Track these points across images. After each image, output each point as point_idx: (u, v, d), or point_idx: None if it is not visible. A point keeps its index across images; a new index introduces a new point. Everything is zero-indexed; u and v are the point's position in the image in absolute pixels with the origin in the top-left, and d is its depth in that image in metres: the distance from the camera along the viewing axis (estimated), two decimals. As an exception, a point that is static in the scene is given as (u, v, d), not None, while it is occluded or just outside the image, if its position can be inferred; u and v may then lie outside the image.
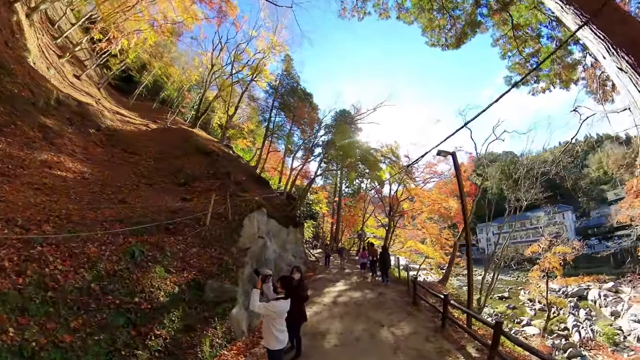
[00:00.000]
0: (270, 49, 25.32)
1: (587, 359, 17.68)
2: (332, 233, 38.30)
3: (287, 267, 12.61)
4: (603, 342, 19.24)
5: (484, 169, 18.99)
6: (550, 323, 22.54)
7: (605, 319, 22.51)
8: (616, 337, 19.62)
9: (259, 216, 11.78)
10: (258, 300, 3.71)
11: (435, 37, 13.19)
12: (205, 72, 27.69)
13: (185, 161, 16.48)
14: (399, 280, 12.28)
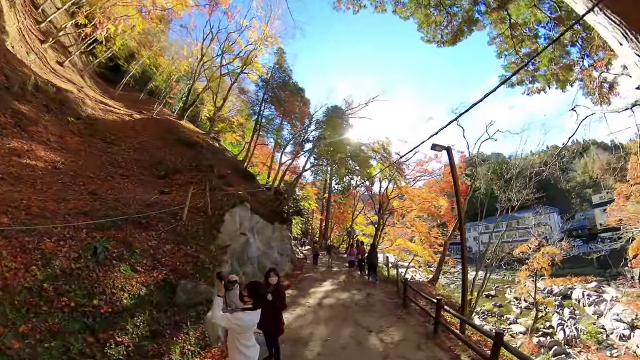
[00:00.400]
0: (262, 41, 24.44)
1: (572, 356, 17.84)
2: (321, 230, 37.86)
3: (272, 266, 11.97)
4: (587, 340, 19.51)
5: (475, 168, 18.73)
6: (535, 321, 22.61)
7: (589, 318, 22.89)
8: (599, 336, 19.96)
9: (241, 211, 11.08)
10: (220, 309, 3.06)
11: (431, 33, 12.87)
12: (194, 63, 26.64)
13: (166, 152, 15.70)
14: (388, 279, 11.83)
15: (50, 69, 15.66)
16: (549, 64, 12.47)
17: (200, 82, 28.98)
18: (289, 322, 7.21)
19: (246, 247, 10.51)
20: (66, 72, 16.68)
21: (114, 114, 17.65)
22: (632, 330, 19.37)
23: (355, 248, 15.04)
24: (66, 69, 17.19)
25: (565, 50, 11.99)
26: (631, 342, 18.53)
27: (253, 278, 10.54)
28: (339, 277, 12.40)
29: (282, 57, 30.80)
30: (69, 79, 16.51)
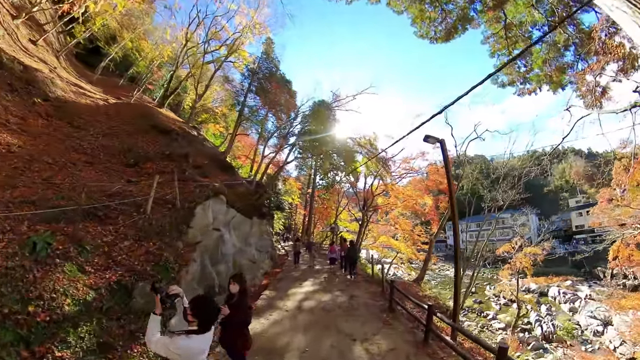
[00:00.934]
0: (250, 28, 23.15)
1: (549, 351, 18.32)
2: (304, 226, 37.16)
3: (248, 264, 11.14)
4: (563, 336, 20.13)
5: (463, 167, 18.56)
6: (514, 317, 23.09)
7: (565, 315, 23.67)
8: (575, 331, 20.73)
9: (216, 205, 10.17)
10: (157, 332, 2.25)
11: (425, 29, 12.64)
12: (178, 49, 24.99)
13: (138, 139, 14.56)
14: (372, 278, 11.27)
15: (20, 47, 14.31)
16: (543, 65, 12.44)
17: (183, 69, 27.39)
18: (263, 329, 6.47)
19: (220, 243, 9.63)
20: (39, 52, 15.14)
21: (87, 97, 16.38)
22: (605, 326, 20.29)
23: (338, 245, 14.51)
24: (39, 48, 15.62)
25: (559, 53, 11.96)
26: (604, 338, 19.39)
27: (226, 278, 9.70)
28: (321, 277, 11.73)
29: (270, 47, 29.72)
30: (42, 58, 15.09)
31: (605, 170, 12.80)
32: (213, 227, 9.64)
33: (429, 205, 21.11)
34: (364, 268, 15.84)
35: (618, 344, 18.12)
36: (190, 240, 8.67)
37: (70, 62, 20.07)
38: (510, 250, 19.76)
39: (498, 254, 22.13)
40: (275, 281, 11.05)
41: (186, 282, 7.43)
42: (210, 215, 9.72)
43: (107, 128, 14.32)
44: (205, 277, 8.51)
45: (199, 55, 24.30)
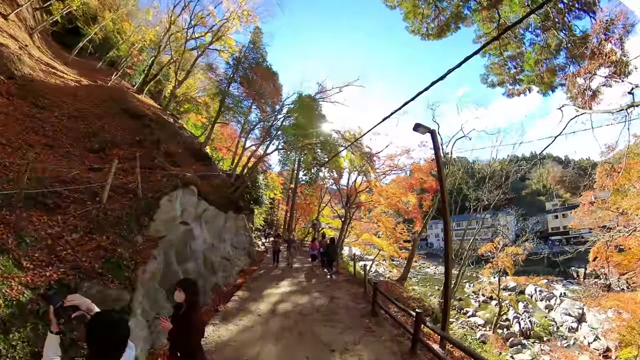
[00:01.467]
0: (238, 16, 21.91)
1: (527, 347, 18.84)
2: (285, 221, 36.36)
3: (221, 261, 10.26)
4: (539, 332, 20.72)
5: (448, 166, 18.25)
6: (492, 314, 23.66)
7: (541, 312, 24.42)
8: (550, 328, 21.38)
9: (185, 196, 9.23)
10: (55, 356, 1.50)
11: (417, 25, 12.48)
12: (161, 32, 23.33)
13: (107, 123, 13.51)
14: (354, 278, 10.62)
15: (-12, 20, 12.71)
16: (535, 66, 12.42)
17: (166, 55, 25.78)
18: (231, 336, 5.69)
19: (189, 239, 8.70)
20: (10, 27, 13.90)
21: (58, 77, 14.92)
22: (579, 323, 21.12)
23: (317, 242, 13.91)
24: (11, 24, 14.34)
25: (552, 54, 12.03)
26: (579, 334, 20.13)
27: (196, 277, 8.82)
28: (300, 276, 10.98)
29: (258, 36, 28.58)
30: (12, 34, 13.71)
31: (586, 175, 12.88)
32: (181, 221, 8.70)
33: (412, 204, 20.85)
34: (345, 266, 15.27)
35: (592, 339, 18.82)
36: (153, 234, 7.72)
37: (45, 41, 18.66)
38: (493, 250, 19.91)
39: (480, 253, 22.44)
40: (250, 280, 10.22)
41: (144, 282, 6.50)
42: (177, 208, 8.77)
43: (74, 110, 13.26)
44: (169, 276, 7.58)
45: (183, 40, 22.71)
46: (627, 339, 11.01)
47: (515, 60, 13.59)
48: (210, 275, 9.35)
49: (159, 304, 6.84)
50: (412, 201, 20.47)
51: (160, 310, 6.88)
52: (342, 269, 12.68)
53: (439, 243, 60.86)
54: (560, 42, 11.41)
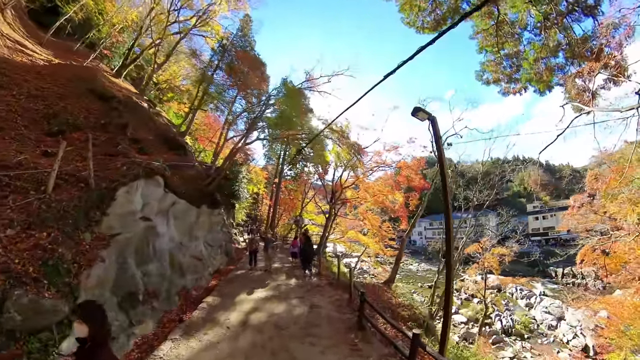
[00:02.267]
0: None
1: (509, 344, 18.93)
2: (268, 217, 35.23)
3: (191, 262, 9.18)
4: (520, 330, 20.94)
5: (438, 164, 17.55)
6: (475, 312, 23.87)
7: (522, 310, 24.69)
8: (531, 325, 21.57)
9: (149, 188, 8.08)
10: None
11: (413, 17, 12.09)
12: (144, 12, 21.41)
13: (70, 104, 12.20)
14: (338, 280, 9.75)
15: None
16: (534, 63, 12.12)
17: (149, 39, 23.87)
18: (191, 355, 4.72)
19: (151, 237, 7.60)
20: None
21: (25, 56, 13.42)
22: (558, 321, 21.38)
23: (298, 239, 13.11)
24: None
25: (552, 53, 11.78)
26: (558, 332, 20.35)
27: (160, 281, 7.72)
28: (279, 277, 10.01)
29: (247, 24, 27.33)
30: None
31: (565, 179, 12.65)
32: (141, 216, 7.57)
33: (399, 202, 20.28)
34: (329, 266, 14.46)
35: (571, 337, 19.11)
36: (105, 231, 6.60)
37: (20, 19, 16.92)
38: (479, 250, 19.78)
39: (467, 253, 22.46)
40: (224, 283, 9.19)
41: (87, 290, 5.43)
42: (138, 201, 7.63)
43: (34, 89, 11.93)
44: (125, 281, 6.50)
45: (166, 23, 20.97)
46: (616, 342, 10.87)
47: (512, 58, 13.30)
48: (178, 278, 8.28)
49: (109, 316, 5.77)
50: (399, 200, 19.88)
51: (110, 322, 5.81)
52: (325, 270, 11.87)
53: (422, 241, 61.56)
54: (559, 43, 11.17)
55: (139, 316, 6.36)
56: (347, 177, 19.07)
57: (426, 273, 41.94)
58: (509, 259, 17.22)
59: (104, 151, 9.67)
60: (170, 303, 7.37)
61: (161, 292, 7.23)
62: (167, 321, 6.58)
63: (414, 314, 8.87)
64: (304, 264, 10.87)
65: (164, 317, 6.74)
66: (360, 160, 16.80)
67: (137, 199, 7.59)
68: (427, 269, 45.03)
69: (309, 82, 16.91)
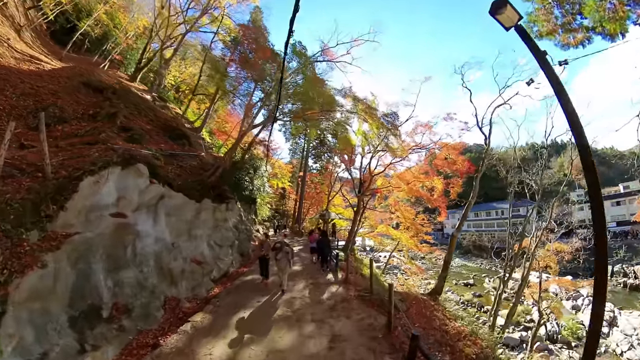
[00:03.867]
0: None
1: (554, 353, 15.91)
2: (294, 212, 33.78)
3: (186, 267, 7.53)
4: (567, 337, 17.68)
5: (487, 139, 14.54)
6: (516, 314, 20.45)
7: (568, 313, 21.10)
8: (579, 332, 18.01)
9: (127, 178, 6.51)
10: None
11: None
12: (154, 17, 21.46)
13: (60, 98, 11.54)
14: (371, 292, 7.11)
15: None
16: None
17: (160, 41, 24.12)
18: None
19: (128, 237, 5.99)
20: None
21: (34, 65, 13.26)
22: (610, 327, 17.60)
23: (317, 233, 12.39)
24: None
25: None
26: (610, 340, 16.66)
27: (137, 292, 6.09)
28: (295, 287, 7.94)
29: (258, 16, 25.95)
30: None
31: None
32: (113, 212, 5.98)
33: (438, 190, 17.51)
34: (358, 265, 12.33)
35: (626, 348, 15.58)
36: (61, 229, 5.07)
37: (41, 39, 17.67)
38: (528, 246, 16.52)
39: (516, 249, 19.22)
40: (226, 293, 7.43)
41: (16, 304, 3.88)
42: (109, 193, 6.04)
43: (29, 88, 11.71)
44: (87, 292, 4.95)
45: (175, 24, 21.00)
46: None
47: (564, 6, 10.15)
48: (166, 287, 6.64)
49: (50, 338, 4.22)
50: (437, 187, 17.09)
51: (50, 347, 4.24)
52: (354, 273, 9.76)
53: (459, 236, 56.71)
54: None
55: (98, 339, 4.75)
56: (376, 164, 16.66)
57: (461, 269, 38.13)
58: (568, 256, 13.81)
59: (85, 140, 8.37)
60: (149, 320, 5.72)
61: (135, 307, 5.61)
62: (137, 346, 4.92)
63: (481, 350, 6.33)
64: (322, 260, 10.24)
65: (135, 340, 5.09)
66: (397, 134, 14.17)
67: (107, 191, 6.00)
68: (461, 264, 40.98)
69: (324, 54, 14.65)
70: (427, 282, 28.28)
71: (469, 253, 47.84)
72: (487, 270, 36.60)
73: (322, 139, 31.75)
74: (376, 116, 13.82)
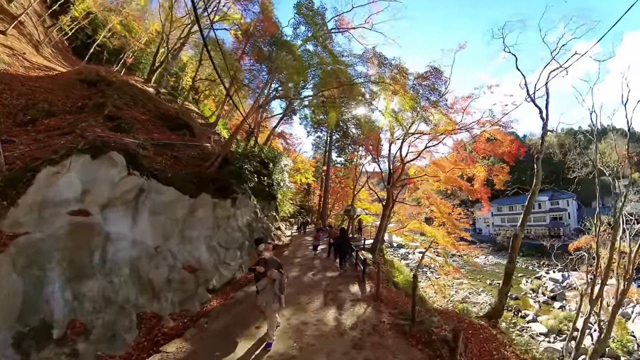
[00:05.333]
0: None
1: None
2: (319, 208, 32.33)
3: (173, 277, 6.21)
4: (616, 350, 14.82)
5: (545, 112, 11.59)
6: (558, 321, 17.75)
7: (618, 322, 17.44)
8: (630, 345, 15.14)
9: (96, 168, 5.30)
10: None
11: None
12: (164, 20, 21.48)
13: (53, 95, 11.01)
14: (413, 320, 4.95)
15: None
16: None
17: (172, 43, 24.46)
18: None
19: (95, 239, 4.74)
20: (7, 40, 13.25)
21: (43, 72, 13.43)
22: None
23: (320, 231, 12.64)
24: (10, 37, 13.86)
25: None
26: None
27: (100, 307, 4.80)
28: (311, 304, 6.09)
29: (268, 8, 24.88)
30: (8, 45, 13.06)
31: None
32: (74, 209, 4.75)
33: (480, 178, 14.96)
34: (389, 272, 10.45)
35: None
36: (9, 228, 3.92)
37: (63, 54, 18.81)
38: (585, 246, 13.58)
39: (572, 249, 16.41)
40: (221, 309, 5.99)
41: None
42: (72, 185, 4.82)
43: (27, 89, 11.46)
44: (34, 305, 3.75)
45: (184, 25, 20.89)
46: None
47: None
48: (147, 302, 5.33)
49: None
50: (480, 174, 14.58)
51: None
52: (384, 282, 7.97)
53: (488, 229, 52.00)
54: None
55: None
56: (407, 151, 14.44)
57: (494, 267, 34.43)
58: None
59: (65, 131, 7.33)
60: (115, 344, 4.41)
61: (96, 326, 4.36)
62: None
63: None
64: (340, 260, 9.89)
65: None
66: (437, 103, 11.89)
67: (67, 183, 4.77)
68: (495, 263, 37.06)
69: (339, 24, 12.71)
70: (459, 281, 25.64)
71: (503, 250, 43.88)
72: (522, 270, 33.00)
73: (345, 131, 29.96)
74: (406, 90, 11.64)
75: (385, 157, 15.39)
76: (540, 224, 45.36)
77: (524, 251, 40.25)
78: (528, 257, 38.05)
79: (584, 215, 41.13)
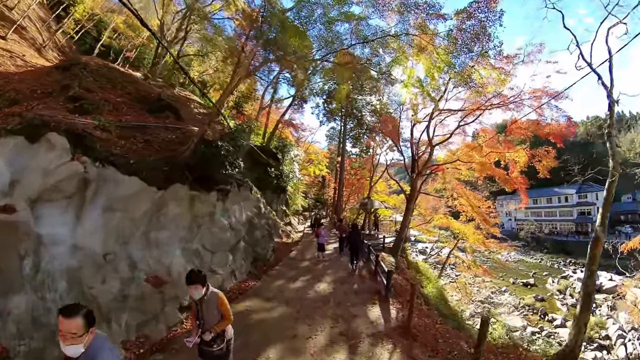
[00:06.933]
0: None
1: None
2: (333, 201, 30.84)
3: (123, 292, 4.81)
4: None
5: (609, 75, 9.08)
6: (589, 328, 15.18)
7: None
8: None
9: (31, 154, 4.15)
10: None
11: None
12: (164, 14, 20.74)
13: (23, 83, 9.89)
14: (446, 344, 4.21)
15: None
16: None
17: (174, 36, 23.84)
18: None
19: (22, 244, 3.40)
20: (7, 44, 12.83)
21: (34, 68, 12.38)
22: None
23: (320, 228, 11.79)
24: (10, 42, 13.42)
25: None
26: None
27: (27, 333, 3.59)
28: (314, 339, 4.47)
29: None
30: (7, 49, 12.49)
31: None
32: (1, 204, 3.42)
33: (519, 164, 12.59)
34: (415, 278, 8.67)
35: None
36: None
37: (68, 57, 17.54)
38: None
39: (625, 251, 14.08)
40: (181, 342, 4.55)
41: None
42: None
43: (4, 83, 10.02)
44: None
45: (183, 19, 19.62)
46: None
47: None
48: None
49: None
50: (520, 160, 12.25)
51: None
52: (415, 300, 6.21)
53: (510, 224, 48.31)
54: None
55: None
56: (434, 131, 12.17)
57: (518, 264, 31.79)
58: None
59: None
60: None
61: (19, 353, 3.08)
62: None
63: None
64: (352, 259, 9.65)
65: None
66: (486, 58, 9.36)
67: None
68: (518, 259, 34.35)
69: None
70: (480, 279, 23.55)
71: (527, 246, 40.54)
72: (548, 268, 30.51)
73: (360, 119, 28.12)
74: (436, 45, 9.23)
75: (408, 140, 13.34)
76: (566, 219, 42.28)
77: (549, 248, 38.16)
78: (553, 254, 36.10)
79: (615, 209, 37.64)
